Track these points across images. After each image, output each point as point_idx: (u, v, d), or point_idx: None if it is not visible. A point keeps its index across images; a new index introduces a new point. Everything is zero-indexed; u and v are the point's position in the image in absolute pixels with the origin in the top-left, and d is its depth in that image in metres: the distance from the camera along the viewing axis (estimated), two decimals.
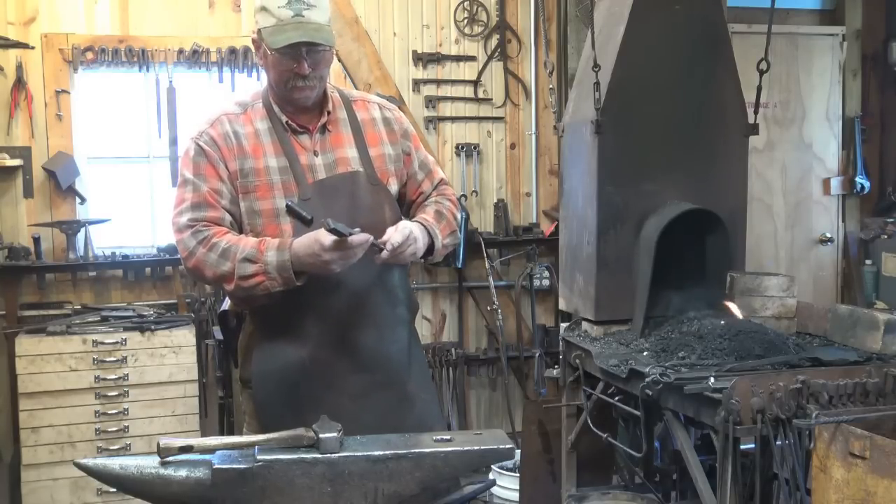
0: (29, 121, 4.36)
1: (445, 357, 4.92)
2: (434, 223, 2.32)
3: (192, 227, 2.17)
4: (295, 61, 2.16)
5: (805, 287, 5.05)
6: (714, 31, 2.80)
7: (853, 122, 5.23)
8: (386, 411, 2.27)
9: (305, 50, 2.16)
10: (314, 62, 2.18)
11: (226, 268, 2.13)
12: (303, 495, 1.74)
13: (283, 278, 2.11)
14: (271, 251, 2.11)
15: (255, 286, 2.13)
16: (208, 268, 2.15)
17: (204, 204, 2.19)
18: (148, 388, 4.08)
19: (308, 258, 2.08)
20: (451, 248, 2.45)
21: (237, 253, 2.13)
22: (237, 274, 2.12)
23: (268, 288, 2.13)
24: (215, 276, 2.16)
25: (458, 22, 4.94)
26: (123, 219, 4.62)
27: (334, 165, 2.29)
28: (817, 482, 1.82)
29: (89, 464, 1.79)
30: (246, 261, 2.12)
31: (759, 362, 2.16)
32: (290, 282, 2.11)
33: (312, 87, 2.22)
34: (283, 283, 2.12)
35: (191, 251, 2.17)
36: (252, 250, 2.12)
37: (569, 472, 2.90)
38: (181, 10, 4.55)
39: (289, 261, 2.10)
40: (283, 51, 2.15)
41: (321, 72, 2.23)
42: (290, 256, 2.10)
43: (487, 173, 5.06)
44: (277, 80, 2.22)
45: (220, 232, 2.18)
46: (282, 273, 2.10)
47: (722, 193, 2.80)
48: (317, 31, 2.14)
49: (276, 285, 2.12)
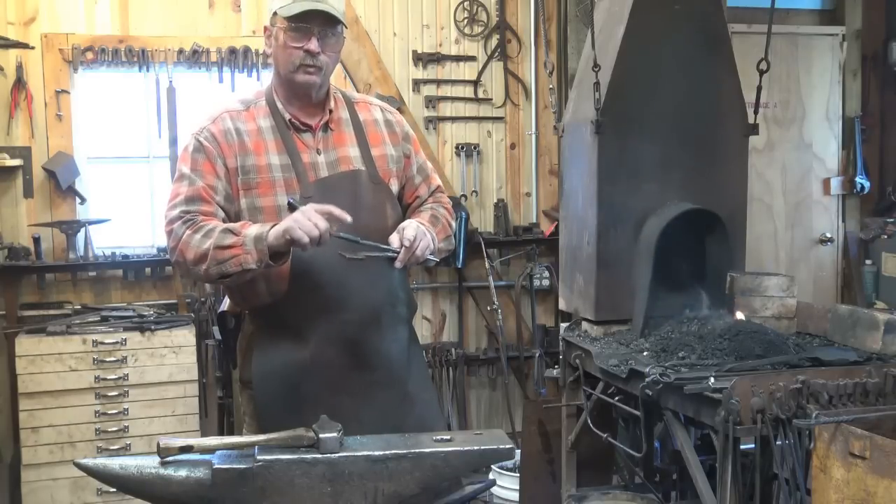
0: (29, 121, 4.36)
1: (445, 357, 4.92)
2: (430, 226, 2.32)
3: (181, 217, 2.16)
4: (306, 38, 2.18)
5: (805, 287, 5.05)
6: (714, 31, 2.80)
7: (853, 122, 5.23)
8: (386, 410, 2.27)
9: (318, 30, 2.18)
10: (323, 44, 2.20)
11: (206, 245, 2.10)
12: (303, 495, 1.74)
13: (258, 251, 2.05)
14: (254, 226, 2.10)
15: (229, 259, 2.08)
16: (190, 249, 2.12)
17: (198, 198, 2.19)
18: (148, 388, 4.08)
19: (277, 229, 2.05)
20: (445, 253, 2.44)
21: (218, 227, 2.11)
22: (215, 243, 2.08)
23: (241, 263, 2.07)
24: (195, 256, 2.11)
25: (458, 22, 4.94)
26: (123, 219, 4.61)
27: (336, 164, 2.30)
28: (817, 482, 1.82)
29: (89, 464, 1.80)
30: (227, 231, 2.09)
31: (759, 362, 2.16)
32: (263, 256, 2.06)
33: (319, 71, 2.22)
34: (258, 258, 2.06)
35: (177, 236, 2.15)
36: (234, 224, 2.12)
37: (569, 472, 2.90)
38: (181, 10, 4.55)
39: (266, 231, 2.05)
40: (296, 23, 2.17)
41: (328, 57, 2.23)
42: (269, 228, 2.07)
43: (487, 173, 5.06)
44: (286, 61, 2.23)
45: (209, 220, 2.17)
46: (257, 245, 2.05)
47: (722, 193, 2.80)
48: (331, 7, 2.19)
49: (251, 260, 2.06)
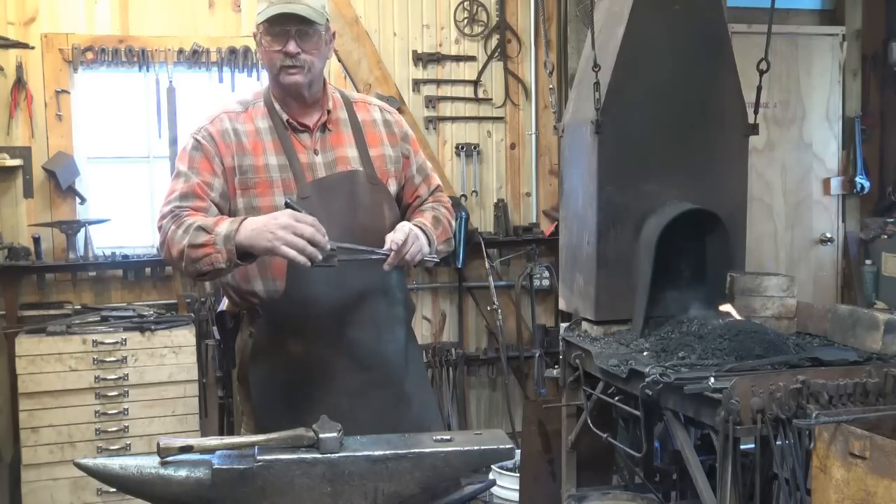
0: (29, 121, 4.36)
1: (445, 357, 4.92)
2: (431, 228, 2.32)
3: (172, 213, 2.15)
4: (283, 40, 2.18)
5: (805, 287, 5.05)
6: (714, 31, 2.80)
7: (853, 122, 5.23)
8: (383, 410, 2.27)
9: (295, 30, 2.18)
10: (303, 43, 2.20)
11: (185, 241, 2.07)
12: (303, 495, 1.74)
13: (227, 251, 2.02)
14: (225, 223, 2.06)
15: (202, 258, 2.05)
16: (174, 245, 2.10)
17: (191, 194, 2.18)
18: (148, 388, 4.08)
19: (256, 230, 2.00)
20: (444, 254, 2.44)
21: (195, 223, 2.08)
22: (189, 242, 2.05)
23: (212, 263, 2.04)
24: (178, 252, 2.09)
25: (458, 22, 4.94)
26: (123, 219, 4.61)
27: (334, 164, 2.30)
28: (817, 482, 1.82)
29: (89, 464, 1.79)
30: (201, 229, 2.06)
31: (759, 362, 2.16)
32: (231, 256, 2.02)
33: (302, 70, 2.22)
34: (227, 258, 2.03)
35: (165, 232, 2.14)
36: (209, 221, 2.08)
37: (569, 472, 2.89)
38: (181, 10, 4.55)
39: (234, 230, 2.02)
40: (270, 28, 2.18)
41: (311, 55, 2.22)
42: (237, 226, 2.03)
43: (487, 173, 5.06)
44: (269, 64, 2.24)
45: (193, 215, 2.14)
46: (226, 244, 2.02)
47: (722, 193, 2.80)
48: (303, 6, 2.17)
49: (221, 259, 2.03)
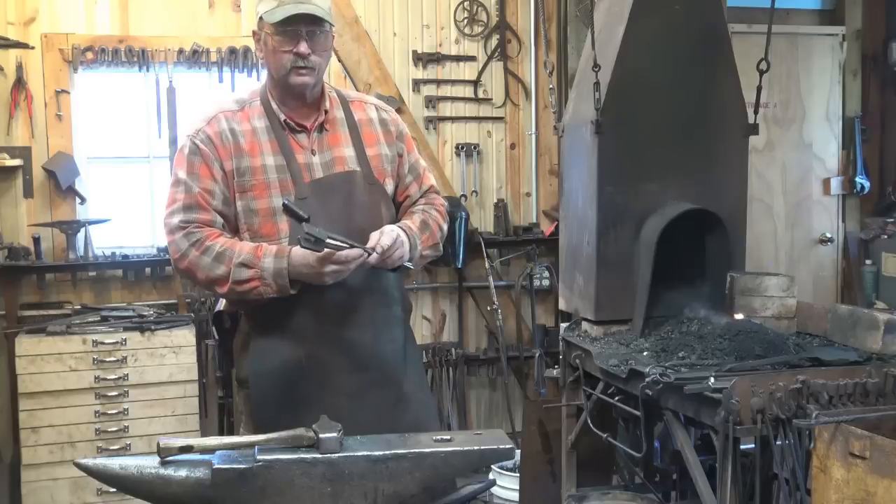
0: (29, 121, 4.36)
1: (445, 357, 4.92)
2: (417, 232, 2.32)
3: (184, 228, 2.18)
4: (294, 41, 2.18)
5: (805, 287, 5.05)
6: (714, 31, 2.79)
7: (853, 122, 5.23)
8: (382, 410, 2.27)
9: (305, 31, 2.18)
10: (313, 44, 2.20)
11: (220, 272, 2.15)
12: (303, 495, 1.74)
13: (279, 285, 2.14)
14: (269, 258, 2.13)
15: (249, 291, 2.15)
16: (201, 271, 2.17)
17: (195, 206, 2.20)
18: (148, 388, 4.08)
19: (303, 268, 2.12)
20: (430, 259, 2.47)
21: (233, 257, 2.14)
22: (232, 278, 2.14)
23: (262, 293, 2.15)
24: (208, 279, 2.18)
25: (458, 22, 4.94)
26: (123, 219, 4.62)
27: (331, 164, 2.30)
28: (817, 482, 1.82)
29: (89, 464, 1.80)
30: (242, 265, 2.13)
31: (759, 362, 2.16)
32: (284, 290, 2.14)
33: (312, 71, 2.22)
34: (278, 290, 2.14)
35: (183, 253, 2.18)
36: (249, 255, 2.14)
37: (569, 472, 2.89)
38: (181, 10, 4.55)
39: (286, 268, 2.12)
40: (282, 28, 2.17)
41: (319, 56, 2.23)
42: (287, 264, 2.12)
43: (487, 173, 5.06)
44: (277, 65, 2.23)
45: (213, 234, 2.19)
46: (277, 280, 2.13)
47: (722, 193, 2.80)
48: (315, 7, 2.18)
49: (271, 291, 2.14)
